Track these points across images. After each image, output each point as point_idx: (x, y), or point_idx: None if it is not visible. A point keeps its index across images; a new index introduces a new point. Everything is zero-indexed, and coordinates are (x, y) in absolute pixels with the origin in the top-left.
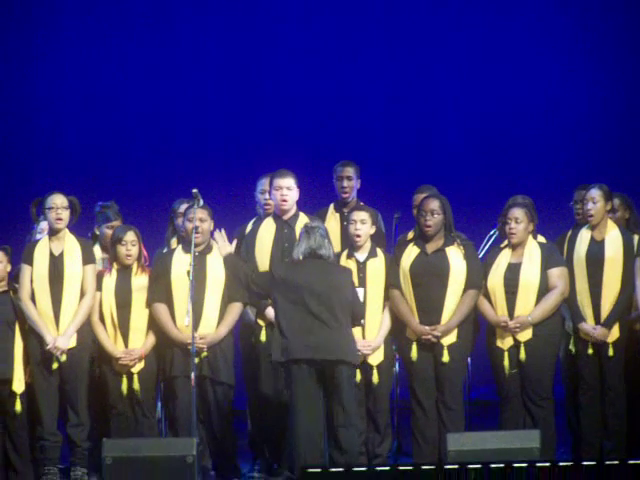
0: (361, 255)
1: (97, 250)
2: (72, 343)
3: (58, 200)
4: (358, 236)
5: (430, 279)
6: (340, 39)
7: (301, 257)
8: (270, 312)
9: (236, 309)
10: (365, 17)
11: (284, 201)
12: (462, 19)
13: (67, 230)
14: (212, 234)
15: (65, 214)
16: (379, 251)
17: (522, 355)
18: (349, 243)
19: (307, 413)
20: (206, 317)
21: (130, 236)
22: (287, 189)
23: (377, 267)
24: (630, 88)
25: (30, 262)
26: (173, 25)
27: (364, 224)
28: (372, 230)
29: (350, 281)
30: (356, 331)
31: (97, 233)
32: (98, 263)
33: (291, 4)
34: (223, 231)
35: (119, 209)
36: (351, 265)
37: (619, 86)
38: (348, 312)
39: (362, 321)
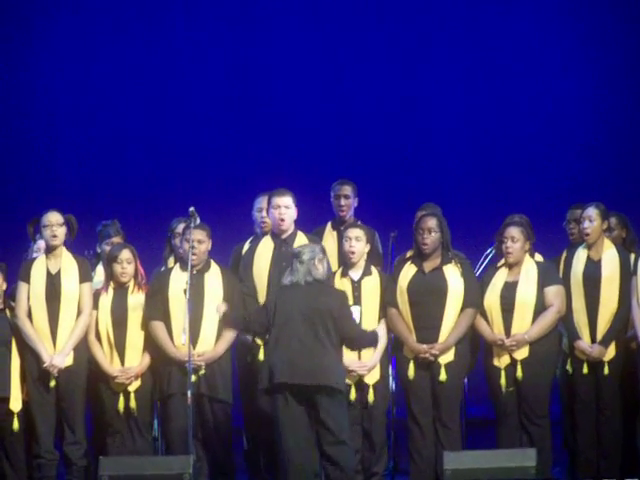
0: (355, 274)
1: (100, 269)
2: (69, 361)
3: (53, 218)
4: (352, 253)
5: (427, 298)
6: (337, 57)
7: (289, 283)
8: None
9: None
10: (361, 34)
11: (282, 220)
12: (461, 37)
13: (64, 248)
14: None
15: (60, 231)
16: (374, 269)
17: (519, 373)
18: (344, 261)
19: (294, 440)
20: (204, 335)
21: (125, 254)
22: (285, 207)
23: (372, 285)
24: (626, 107)
25: (27, 280)
26: (170, 43)
27: (359, 241)
28: (367, 248)
29: (342, 304)
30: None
31: (99, 252)
32: (99, 282)
33: (288, 22)
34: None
35: (121, 227)
36: (345, 284)
37: (615, 105)
38: (335, 336)
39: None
